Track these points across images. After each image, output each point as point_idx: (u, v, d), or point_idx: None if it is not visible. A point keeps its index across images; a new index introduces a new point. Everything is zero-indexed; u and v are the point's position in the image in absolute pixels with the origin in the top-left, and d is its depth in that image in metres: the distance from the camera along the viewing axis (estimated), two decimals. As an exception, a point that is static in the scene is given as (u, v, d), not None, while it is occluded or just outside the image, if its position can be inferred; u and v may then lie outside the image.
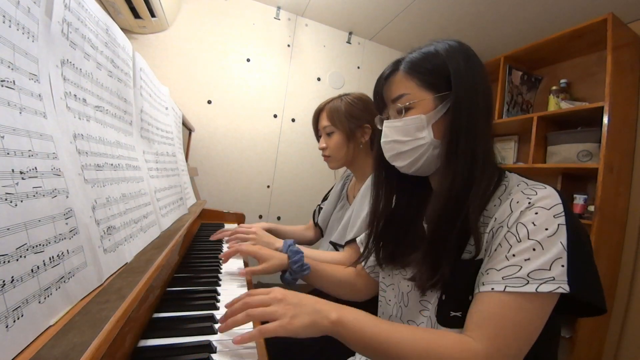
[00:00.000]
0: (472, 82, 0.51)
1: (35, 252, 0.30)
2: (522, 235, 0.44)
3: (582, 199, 1.53)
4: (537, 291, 0.41)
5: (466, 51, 0.53)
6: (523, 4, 1.61)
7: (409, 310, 0.59)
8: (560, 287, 0.40)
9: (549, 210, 0.44)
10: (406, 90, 0.54)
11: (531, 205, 0.45)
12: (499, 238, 0.46)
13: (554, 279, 0.41)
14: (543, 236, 0.43)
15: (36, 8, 0.35)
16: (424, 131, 0.53)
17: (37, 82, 0.35)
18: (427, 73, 0.53)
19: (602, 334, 1.46)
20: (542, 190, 0.46)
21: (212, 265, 0.84)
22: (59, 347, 0.28)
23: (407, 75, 0.54)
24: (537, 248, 0.42)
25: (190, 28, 1.79)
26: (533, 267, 0.42)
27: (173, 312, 0.56)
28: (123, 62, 0.62)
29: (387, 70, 0.58)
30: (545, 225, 0.43)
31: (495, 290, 0.43)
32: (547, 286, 0.41)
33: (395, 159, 0.58)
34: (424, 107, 0.53)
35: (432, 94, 0.53)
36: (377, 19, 1.98)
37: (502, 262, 0.44)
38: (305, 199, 2.09)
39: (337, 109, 1.03)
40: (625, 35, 1.46)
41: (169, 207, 0.81)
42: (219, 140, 1.88)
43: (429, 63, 0.53)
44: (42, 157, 0.33)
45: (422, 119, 0.53)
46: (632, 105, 1.49)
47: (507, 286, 0.42)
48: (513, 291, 0.42)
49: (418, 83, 0.53)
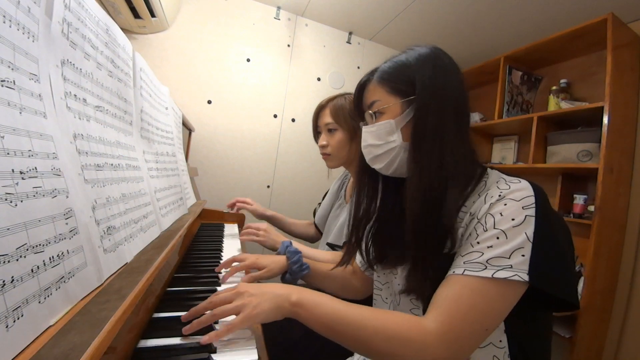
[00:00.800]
0: (438, 87, 0.53)
1: (35, 252, 0.30)
2: (489, 225, 0.45)
3: (582, 199, 1.53)
4: (492, 277, 0.42)
5: (435, 59, 0.55)
6: (523, 4, 1.61)
7: (400, 308, 0.61)
8: (517, 275, 0.42)
9: (518, 202, 0.45)
10: (377, 97, 0.58)
11: (501, 197, 0.47)
12: (470, 229, 0.48)
13: (511, 267, 0.42)
14: (508, 226, 0.44)
15: (36, 8, 0.35)
16: (394, 135, 0.56)
17: (37, 82, 0.35)
18: (396, 81, 0.56)
19: (602, 334, 1.46)
20: (516, 184, 0.48)
21: (212, 265, 0.84)
22: (59, 347, 0.28)
23: (378, 84, 0.58)
24: (500, 237, 0.44)
25: (190, 28, 1.79)
26: (493, 254, 0.43)
27: (173, 312, 0.56)
28: (123, 62, 0.62)
29: (363, 79, 0.62)
30: (512, 216, 0.44)
31: (456, 273, 0.45)
32: (504, 273, 0.42)
33: (374, 162, 0.61)
34: (393, 112, 0.56)
35: (399, 99, 0.55)
36: (377, 19, 1.97)
37: (466, 249, 0.46)
38: (305, 198, 2.09)
39: (342, 107, 1.02)
40: (625, 35, 1.46)
41: (169, 207, 0.81)
42: (219, 140, 1.88)
43: (397, 71, 0.56)
44: (42, 157, 0.33)
45: (391, 124, 0.56)
46: (632, 105, 1.49)
47: (465, 270, 0.44)
48: (470, 274, 0.44)
49: (388, 90, 0.56)
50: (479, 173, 0.54)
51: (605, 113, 1.36)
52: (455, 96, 0.54)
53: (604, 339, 1.46)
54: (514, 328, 0.48)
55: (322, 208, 1.22)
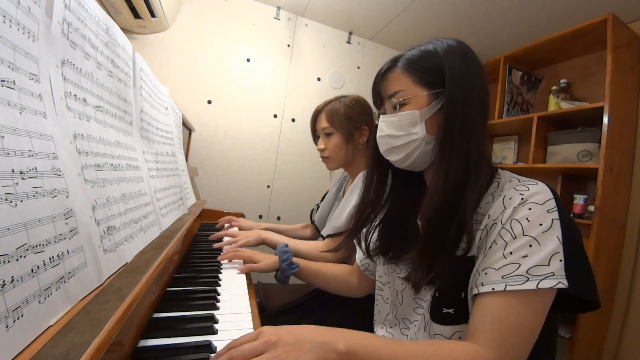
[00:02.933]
0: (467, 81, 0.51)
1: (35, 252, 0.30)
2: (517, 232, 0.44)
3: (582, 199, 1.53)
4: (538, 287, 0.40)
5: (464, 50, 0.54)
6: (523, 4, 1.61)
7: (403, 307, 0.60)
8: (560, 282, 0.40)
9: (542, 206, 0.44)
10: (402, 86, 0.55)
11: (524, 201, 0.45)
12: (494, 235, 0.46)
13: (553, 274, 0.41)
14: (538, 232, 0.43)
15: (36, 8, 0.35)
16: (417, 126, 0.54)
17: (38, 82, 0.35)
18: (423, 70, 0.54)
19: (602, 334, 1.46)
20: (534, 185, 0.46)
21: (212, 265, 0.84)
22: (59, 347, 0.28)
23: (403, 72, 0.55)
24: (533, 244, 0.42)
25: (190, 28, 1.79)
26: (531, 263, 0.41)
27: (173, 312, 0.56)
28: (123, 62, 0.62)
29: (385, 66, 0.59)
30: (540, 221, 0.43)
31: (496, 290, 0.42)
32: (548, 282, 0.40)
33: (390, 153, 0.59)
34: (418, 103, 0.54)
35: (427, 90, 0.53)
36: (377, 19, 1.97)
37: (499, 261, 0.44)
38: (305, 199, 2.09)
39: (337, 111, 1.04)
40: (625, 35, 1.45)
41: (169, 207, 0.81)
42: (219, 140, 1.88)
43: (426, 61, 0.54)
44: (42, 157, 0.33)
45: (415, 115, 0.54)
46: (632, 105, 1.49)
47: (507, 285, 0.42)
48: (514, 289, 0.41)
49: (414, 80, 0.54)
50: (491, 172, 0.54)
51: (605, 113, 1.36)
52: (481, 91, 0.53)
53: (604, 339, 1.46)
54: None
55: (322, 209, 1.24)
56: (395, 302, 0.62)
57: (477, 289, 0.44)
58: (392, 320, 0.63)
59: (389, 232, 0.65)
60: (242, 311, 0.60)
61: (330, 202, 1.21)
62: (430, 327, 0.52)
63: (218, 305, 0.61)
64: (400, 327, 0.60)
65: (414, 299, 0.57)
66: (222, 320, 0.55)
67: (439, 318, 0.51)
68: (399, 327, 0.60)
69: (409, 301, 0.59)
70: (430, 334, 0.52)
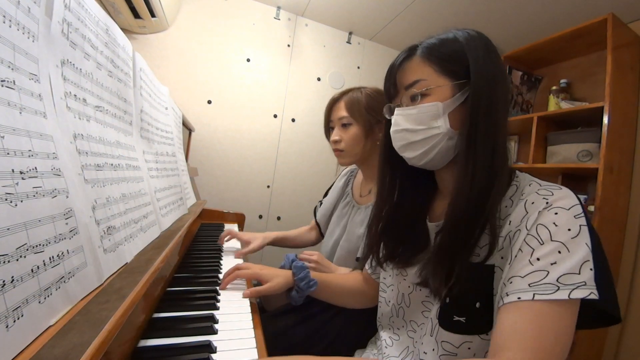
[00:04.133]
0: (491, 73, 0.48)
1: (35, 252, 0.30)
2: (545, 237, 0.40)
3: (582, 199, 1.53)
4: (570, 298, 0.36)
5: (486, 41, 0.51)
6: (523, 4, 1.61)
7: (410, 310, 0.58)
8: (592, 292, 0.37)
9: (568, 211, 0.41)
10: (422, 75, 0.50)
11: (549, 206, 0.42)
12: (519, 242, 0.42)
13: (585, 283, 0.37)
14: (567, 237, 0.39)
15: (36, 8, 0.35)
16: (439, 120, 0.49)
17: (37, 82, 0.35)
18: (445, 59, 0.49)
19: (602, 334, 1.46)
20: (558, 190, 0.43)
21: (212, 265, 0.84)
22: (59, 347, 0.28)
23: (424, 60, 0.51)
24: (562, 250, 0.39)
25: (190, 28, 1.79)
26: (561, 271, 0.38)
27: (173, 312, 0.56)
28: (123, 62, 0.62)
29: (401, 55, 0.54)
30: (568, 226, 0.40)
31: (523, 299, 0.38)
32: (580, 292, 0.37)
33: (406, 149, 0.53)
34: (441, 94, 0.49)
35: (451, 81, 0.49)
36: (377, 19, 1.97)
37: (525, 268, 0.40)
38: (305, 198, 2.09)
39: (358, 100, 0.95)
40: (625, 35, 1.46)
41: (169, 207, 0.81)
42: (219, 140, 1.88)
43: (447, 48, 0.50)
44: (42, 157, 0.33)
45: (438, 107, 0.49)
46: (632, 105, 1.49)
47: (535, 294, 0.38)
48: (543, 299, 0.37)
49: (436, 69, 0.50)
50: (509, 174, 0.50)
51: (605, 113, 1.36)
52: (504, 85, 0.50)
53: (604, 339, 1.46)
54: None
55: (325, 206, 1.15)
56: (402, 304, 0.60)
57: (502, 301, 0.40)
58: (399, 322, 0.61)
59: (398, 237, 0.61)
60: (242, 311, 0.60)
61: (334, 198, 1.13)
62: (438, 333, 0.50)
63: (218, 305, 0.61)
64: (407, 330, 0.59)
65: (422, 302, 0.56)
66: (222, 320, 0.55)
67: (449, 325, 0.48)
68: (406, 330, 0.59)
69: (417, 304, 0.57)
70: (437, 340, 0.50)
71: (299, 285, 0.67)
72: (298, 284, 0.67)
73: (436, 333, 0.50)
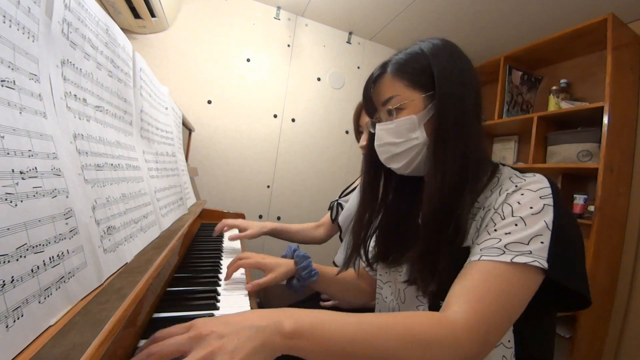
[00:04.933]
0: (457, 77, 0.51)
1: (35, 252, 0.30)
2: (507, 213, 0.44)
3: (582, 199, 1.53)
4: (512, 261, 0.40)
5: (450, 49, 0.54)
6: (523, 4, 1.61)
7: (405, 306, 0.60)
8: (537, 261, 0.40)
9: (535, 192, 0.44)
10: (395, 92, 0.54)
11: (518, 189, 0.46)
12: (485, 221, 0.47)
13: (530, 252, 0.40)
14: (527, 213, 0.43)
15: (36, 8, 0.35)
16: (417, 131, 0.53)
17: (37, 82, 0.35)
18: (414, 73, 0.53)
19: (602, 334, 1.46)
20: (531, 177, 0.47)
21: (212, 265, 0.84)
22: (59, 347, 0.28)
23: (395, 77, 0.54)
24: (519, 224, 0.42)
25: (190, 28, 1.79)
26: (511, 240, 0.42)
27: (173, 312, 0.56)
28: (123, 62, 0.62)
29: (374, 73, 0.58)
30: (530, 204, 0.43)
31: (472, 260, 0.43)
32: (523, 258, 0.40)
33: (391, 161, 0.57)
34: (414, 107, 0.53)
35: (421, 93, 0.53)
36: (377, 19, 1.97)
37: (483, 238, 0.45)
38: (305, 199, 2.09)
39: None
40: (625, 35, 1.46)
41: (169, 207, 0.81)
42: (219, 140, 1.88)
43: (415, 63, 0.53)
44: (42, 157, 0.33)
45: (413, 120, 0.53)
46: (632, 105, 1.49)
47: (482, 255, 0.42)
48: (488, 259, 0.42)
49: (406, 84, 0.53)
50: (492, 169, 0.53)
51: (605, 113, 1.36)
52: (474, 87, 0.52)
53: (604, 339, 1.46)
54: (520, 328, 0.46)
55: (348, 209, 1.13)
56: (398, 300, 0.62)
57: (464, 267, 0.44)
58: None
59: (387, 236, 0.64)
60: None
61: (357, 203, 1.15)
62: None
63: (218, 305, 0.61)
64: None
65: (417, 297, 0.57)
66: None
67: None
68: None
69: (411, 299, 0.59)
70: None
71: (301, 274, 0.69)
72: (300, 272, 0.69)
73: None
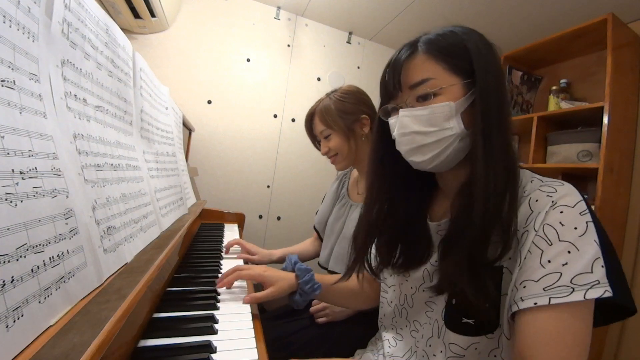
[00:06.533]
0: (494, 69, 0.47)
1: (35, 252, 0.30)
2: (552, 237, 0.40)
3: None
4: (585, 298, 0.36)
5: (481, 35, 0.50)
6: (523, 4, 1.61)
7: (414, 311, 0.58)
8: (607, 290, 0.37)
9: (573, 208, 0.40)
10: (430, 74, 0.47)
11: (555, 204, 0.41)
12: (527, 244, 0.41)
13: (598, 282, 0.37)
14: (575, 236, 0.39)
15: (36, 8, 0.35)
16: (452, 120, 0.46)
17: (38, 82, 0.35)
18: (451, 55, 0.47)
19: (602, 334, 1.46)
20: (560, 187, 0.43)
21: (212, 265, 0.84)
22: (59, 347, 0.28)
23: (431, 58, 0.47)
24: (571, 250, 0.38)
25: (190, 28, 1.79)
26: (574, 271, 0.37)
27: (173, 312, 0.56)
28: (123, 62, 0.62)
29: (403, 53, 0.50)
30: (574, 224, 0.39)
31: (539, 304, 0.38)
32: (595, 291, 0.36)
33: (414, 153, 0.50)
34: (452, 93, 0.46)
35: (461, 78, 0.47)
36: (377, 19, 1.97)
37: (538, 271, 0.39)
38: (305, 199, 2.09)
39: (328, 110, 0.97)
40: (625, 35, 1.45)
41: (169, 207, 0.81)
42: (219, 140, 1.88)
43: (453, 45, 0.47)
44: (42, 157, 0.33)
45: (451, 107, 0.46)
46: (632, 105, 1.49)
47: (551, 298, 0.37)
48: (560, 302, 0.37)
49: (444, 66, 0.47)
50: None
51: (605, 113, 1.36)
52: (505, 79, 0.49)
53: (604, 339, 1.46)
54: None
55: (321, 212, 1.16)
56: (404, 305, 0.60)
57: (517, 305, 0.40)
58: (402, 323, 0.60)
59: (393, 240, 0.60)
60: (243, 311, 0.60)
61: (330, 203, 1.14)
62: (445, 334, 0.49)
63: (218, 305, 0.61)
64: (411, 330, 0.58)
65: (426, 303, 0.55)
66: (222, 320, 0.55)
67: (457, 327, 0.48)
68: (409, 329, 0.59)
69: (420, 305, 0.56)
70: (444, 342, 0.50)
71: (303, 289, 0.65)
72: (302, 287, 0.65)
73: (443, 335, 0.50)
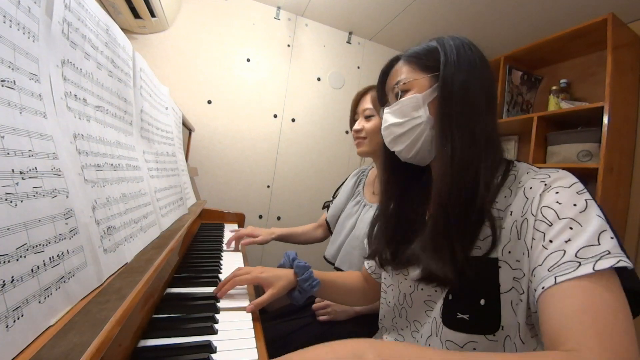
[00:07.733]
0: (463, 64, 0.51)
1: (35, 252, 0.30)
2: (551, 217, 0.38)
3: (582, 199, 1.53)
4: (595, 270, 0.33)
5: (462, 39, 0.55)
6: (523, 4, 1.61)
7: (413, 310, 0.58)
8: (622, 260, 0.33)
9: (569, 188, 0.40)
10: (404, 75, 0.56)
11: (548, 187, 0.41)
12: (530, 232, 0.40)
13: (609, 252, 0.34)
14: (575, 212, 0.37)
15: (36, 8, 0.35)
16: (420, 110, 0.53)
17: (38, 82, 0.35)
18: (422, 57, 0.55)
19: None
20: (555, 173, 0.43)
21: (212, 265, 0.84)
22: (59, 347, 0.28)
23: (406, 63, 0.57)
24: (573, 226, 0.36)
25: (190, 28, 1.79)
26: (578, 245, 0.35)
27: (173, 312, 0.56)
28: (123, 62, 0.62)
29: (387, 64, 0.61)
30: (572, 202, 0.38)
31: (547, 287, 0.35)
32: (606, 261, 0.33)
33: (395, 143, 0.57)
34: (419, 87, 0.54)
35: (427, 74, 0.54)
36: (377, 19, 1.97)
37: (541, 254, 0.38)
38: (305, 199, 2.09)
39: None
40: (625, 35, 1.45)
41: (169, 207, 0.81)
42: (219, 140, 1.88)
43: (426, 51, 0.55)
44: (42, 157, 0.33)
45: (417, 98, 0.53)
46: (632, 105, 1.49)
47: (556, 277, 0.35)
48: (566, 279, 0.34)
49: (414, 67, 0.55)
50: (506, 164, 0.52)
51: (605, 113, 1.36)
52: (484, 78, 0.52)
53: None
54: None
55: (335, 206, 1.16)
56: (404, 304, 0.60)
57: (535, 296, 0.38)
58: (402, 323, 0.60)
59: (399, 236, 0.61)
60: (242, 311, 0.60)
61: (345, 198, 1.14)
62: (442, 332, 0.49)
63: (218, 305, 0.61)
64: (412, 330, 0.58)
65: (425, 302, 0.55)
66: (222, 320, 0.55)
67: (452, 323, 0.47)
68: (410, 330, 0.59)
69: (419, 304, 0.56)
70: (441, 340, 0.49)
71: (302, 286, 0.66)
72: (301, 284, 0.66)
73: (440, 332, 0.50)
